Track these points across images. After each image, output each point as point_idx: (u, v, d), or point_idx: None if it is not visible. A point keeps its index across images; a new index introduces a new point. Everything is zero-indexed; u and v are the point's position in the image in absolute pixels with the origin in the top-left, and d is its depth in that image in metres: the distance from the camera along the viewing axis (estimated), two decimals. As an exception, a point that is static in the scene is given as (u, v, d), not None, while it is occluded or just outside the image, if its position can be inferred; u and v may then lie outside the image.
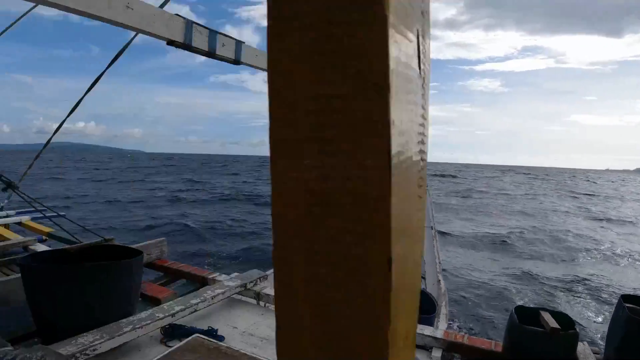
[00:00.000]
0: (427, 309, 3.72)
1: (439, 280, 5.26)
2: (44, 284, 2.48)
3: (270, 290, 3.59)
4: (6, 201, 7.28)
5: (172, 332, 2.88)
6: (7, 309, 3.48)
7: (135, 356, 2.62)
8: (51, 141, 3.59)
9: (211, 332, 2.93)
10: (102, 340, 2.40)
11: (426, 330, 2.94)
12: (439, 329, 3.13)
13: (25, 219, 6.51)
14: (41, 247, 4.99)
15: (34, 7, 5.33)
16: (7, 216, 6.73)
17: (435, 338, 2.83)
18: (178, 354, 2.50)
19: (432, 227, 6.29)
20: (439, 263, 5.68)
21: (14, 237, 5.41)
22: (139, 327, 2.59)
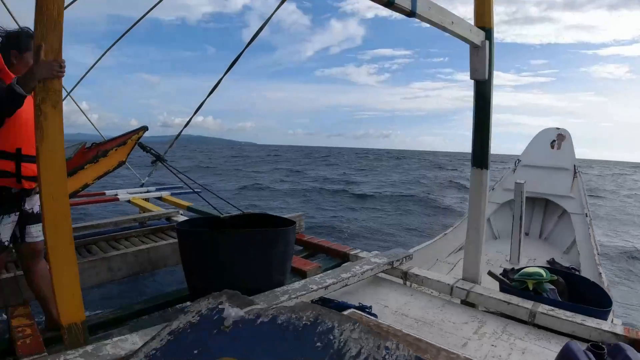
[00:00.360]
0: (601, 302, 3.15)
1: (600, 273, 4.51)
2: (203, 248, 2.43)
3: (417, 270, 3.28)
4: (147, 178, 7.91)
5: (323, 305, 2.71)
6: (161, 272, 3.69)
7: None
8: (173, 134, 3.77)
9: (363, 309, 2.70)
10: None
11: (604, 325, 2.44)
12: (618, 325, 2.60)
13: (165, 194, 6.95)
14: (183, 218, 5.24)
15: (152, 8, 5.65)
16: (147, 191, 7.27)
17: (614, 334, 2.33)
18: (337, 329, 2.31)
19: (586, 214, 5.46)
20: (598, 254, 4.89)
21: (157, 210, 5.77)
22: (294, 298, 2.45)
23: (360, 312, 2.56)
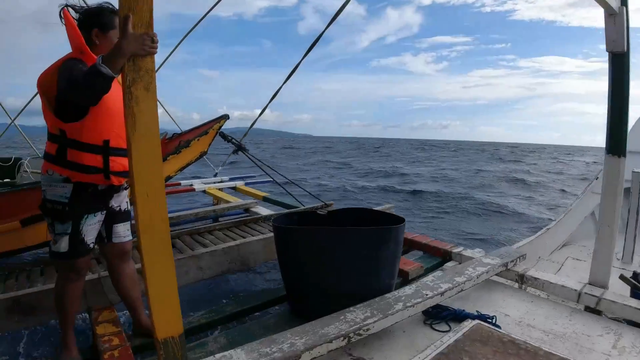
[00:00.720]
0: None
1: None
2: (308, 247, 2.15)
3: (535, 272, 2.82)
4: (220, 168, 7.89)
5: (437, 313, 2.34)
6: (251, 269, 3.47)
7: (400, 338, 2.17)
8: (234, 126, 3.52)
9: (485, 318, 2.31)
10: (375, 318, 1.96)
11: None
12: None
13: (239, 183, 6.85)
14: (262, 209, 5.06)
15: (213, 7, 5.50)
16: (221, 181, 7.22)
17: None
18: (467, 344, 1.94)
19: None
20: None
21: (234, 200, 5.64)
22: (410, 306, 2.11)
23: (483, 323, 2.18)
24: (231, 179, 7.35)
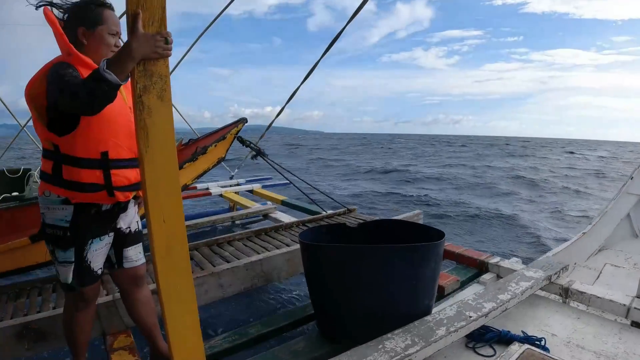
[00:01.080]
0: None
1: None
2: (339, 265, 1.95)
3: (580, 286, 2.59)
4: (237, 170, 7.72)
5: (480, 334, 2.13)
6: (274, 286, 3.25)
7: None
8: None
9: (532, 340, 2.09)
10: (417, 347, 1.75)
11: None
12: None
13: (256, 186, 6.68)
14: (281, 214, 4.87)
15: (229, 4, 5.33)
16: (238, 184, 7.05)
17: None
18: (521, 375, 1.73)
19: None
20: None
21: (251, 204, 5.46)
22: (453, 331, 1.89)
23: (533, 348, 1.97)
24: (248, 182, 7.19)
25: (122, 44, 1.35)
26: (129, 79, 1.25)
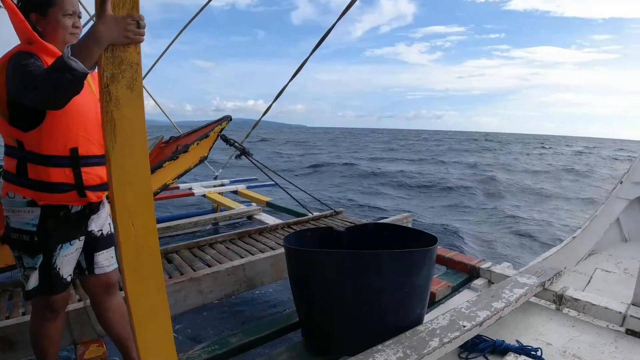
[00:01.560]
0: None
1: None
2: (328, 272, 1.84)
3: (574, 292, 2.53)
4: (220, 170, 7.55)
5: (473, 344, 2.04)
6: (256, 292, 3.10)
7: None
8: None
9: (527, 351, 2.01)
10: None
11: None
12: None
13: (240, 187, 6.53)
14: (266, 216, 4.74)
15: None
16: (222, 185, 6.89)
17: None
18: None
19: None
20: None
21: (236, 206, 5.32)
22: (447, 342, 1.79)
23: (528, 358, 1.90)
24: (232, 182, 7.03)
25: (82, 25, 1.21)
26: (97, 68, 1.13)
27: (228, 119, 3.21)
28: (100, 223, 1.66)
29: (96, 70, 1.36)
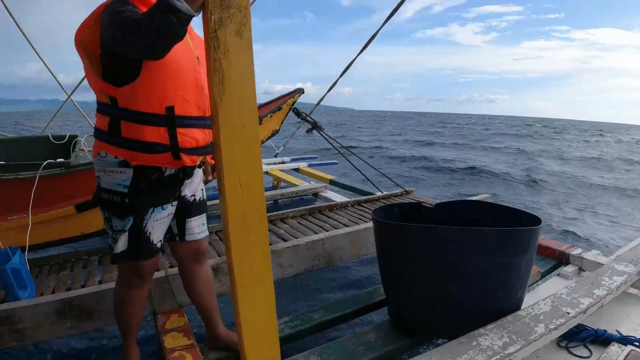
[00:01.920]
0: None
1: None
2: (424, 249, 1.70)
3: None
4: (282, 148, 7.52)
5: (572, 333, 1.86)
6: (336, 268, 3.01)
7: None
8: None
9: (631, 340, 1.81)
10: (517, 346, 1.50)
11: None
12: None
13: (302, 165, 6.47)
14: (332, 194, 4.65)
15: None
16: (282, 162, 6.84)
17: None
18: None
19: None
20: None
21: (300, 183, 5.26)
22: (553, 329, 1.62)
23: (633, 347, 1.70)
24: (293, 160, 6.97)
25: None
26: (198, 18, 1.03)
27: (300, 91, 3.11)
28: (193, 188, 1.60)
29: (194, 33, 1.26)
